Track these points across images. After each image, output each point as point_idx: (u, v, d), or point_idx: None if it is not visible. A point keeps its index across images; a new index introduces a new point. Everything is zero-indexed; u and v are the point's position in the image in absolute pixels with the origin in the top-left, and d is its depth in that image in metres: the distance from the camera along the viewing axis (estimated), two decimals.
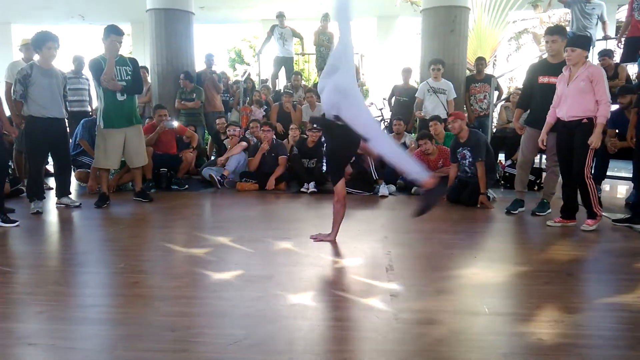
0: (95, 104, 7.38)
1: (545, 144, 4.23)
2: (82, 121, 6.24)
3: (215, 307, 2.47)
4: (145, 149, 5.28)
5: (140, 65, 8.55)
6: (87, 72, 7.20)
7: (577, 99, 3.90)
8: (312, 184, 5.81)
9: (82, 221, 4.51)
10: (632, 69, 7.10)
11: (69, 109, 5.17)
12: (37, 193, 4.70)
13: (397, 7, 10.98)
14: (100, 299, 2.61)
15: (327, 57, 8.93)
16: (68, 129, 5.18)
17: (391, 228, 4.15)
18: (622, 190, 6.01)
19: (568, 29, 7.04)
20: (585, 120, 3.90)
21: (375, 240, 3.71)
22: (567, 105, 3.97)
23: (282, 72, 9.37)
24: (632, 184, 5.32)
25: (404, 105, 7.22)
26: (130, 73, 4.93)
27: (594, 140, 3.83)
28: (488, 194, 5.09)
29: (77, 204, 4.93)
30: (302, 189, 5.81)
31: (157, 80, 7.87)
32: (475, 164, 5.00)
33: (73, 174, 5.58)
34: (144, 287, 2.76)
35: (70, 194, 5.02)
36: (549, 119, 4.17)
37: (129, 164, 5.28)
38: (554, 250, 3.53)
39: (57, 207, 4.88)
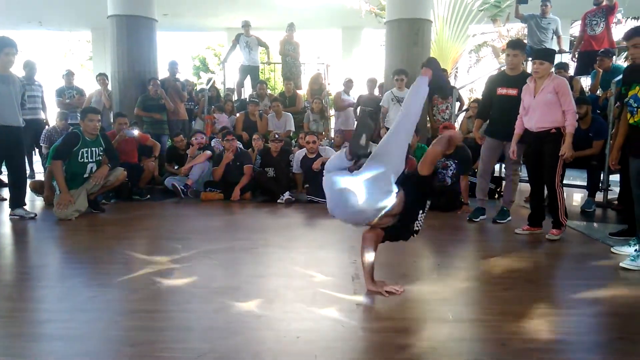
0: (49, 114, 7.15)
1: (515, 155, 4.29)
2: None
3: (179, 321, 2.41)
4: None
5: (100, 72, 8.45)
6: (39, 79, 6.99)
7: (545, 110, 3.95)
8: (286, 193, 5.72)
9: (37, 233, 4.34)
10: (585, 82, 7.44)
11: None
12: None
13: (362, 18, 11.14)
14: (57, 314, 2.50)
15: (293, 67, 9.09)
16: None
17: (357, 237, 4.15)
18: (578, 198, 6.24)
19: (525, 41, 7.33)
20: (553, 131, 3.96)
21: (342, 249, 3.71)
22: (535, 116, 4.02)
23: (248, 81, 9.35)
24: (587, 192, 5.55)
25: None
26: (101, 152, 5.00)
27: (566, 151, 3.89)
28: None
29: (32, 215, 4.74)
30: (278, 201, 5.67)
31: (118, 88, 7.69)
32: (460, 176, 5.24)
33: (28, 183, 5.36)
34: (102, 302, 2.66)
35: (25, 204, 4.82)
36: (517, 130, 4.23)
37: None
38: (514, 257, 3.62)
39: (10, 219, 4.68)
